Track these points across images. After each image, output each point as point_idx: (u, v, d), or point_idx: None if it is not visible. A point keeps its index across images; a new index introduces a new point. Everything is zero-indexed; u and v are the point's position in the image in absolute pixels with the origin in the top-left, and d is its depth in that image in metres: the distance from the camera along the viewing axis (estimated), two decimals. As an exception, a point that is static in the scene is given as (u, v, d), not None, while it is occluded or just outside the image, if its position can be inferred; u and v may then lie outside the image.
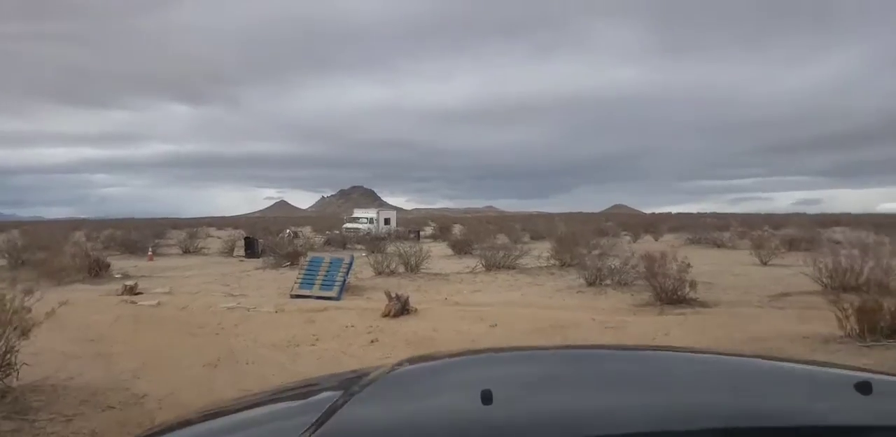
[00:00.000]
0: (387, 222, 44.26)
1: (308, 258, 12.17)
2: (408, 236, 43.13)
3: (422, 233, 46.18)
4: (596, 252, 18.48)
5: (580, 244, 19.85)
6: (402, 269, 15.59)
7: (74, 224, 65.14)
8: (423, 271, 15.69)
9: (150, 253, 24.73)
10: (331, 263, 11.85)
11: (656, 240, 36.72)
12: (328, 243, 32.78)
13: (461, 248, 23.78)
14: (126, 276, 16.20)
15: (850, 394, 1.08)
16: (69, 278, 14.82)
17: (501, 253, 16.40)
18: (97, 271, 15.52)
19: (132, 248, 26.81)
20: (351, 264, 12.11)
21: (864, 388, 1.06)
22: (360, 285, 13.38)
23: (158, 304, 11.09)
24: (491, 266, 15.98)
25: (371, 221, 42.86)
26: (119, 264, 22.12)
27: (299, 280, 11.86)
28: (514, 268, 16.11)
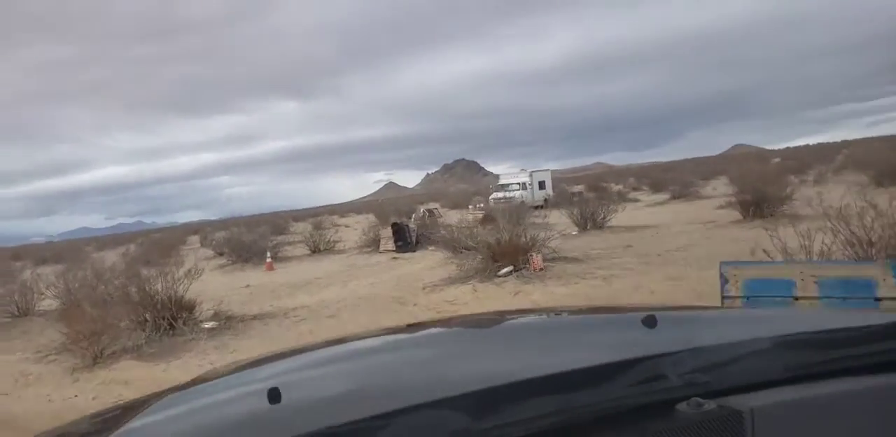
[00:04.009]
0: (541, 185, 35.45)
1: (741, 281, 3.80)
2: (572, 200, 34.41)
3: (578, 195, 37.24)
4: None
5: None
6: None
7: (195, 228, 62.03)
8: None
9: (268, 260, 17.69)
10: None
11: None
12: (486, 220, 24.60)
13: (756, 210, 14.30)
14: (225, 320, 8.72)
15: (639, 329, 1.07)
16: (115, 346, 7.44)
17: None
18: (171, 320, 8.07)
19: (247, 253, 19.98)
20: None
21: (650, 322, 1.06)
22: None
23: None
24: None
25: (524, 186, 34.22)
26: (226, 282, 15.06)
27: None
28: None
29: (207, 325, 8.36)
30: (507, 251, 9.73)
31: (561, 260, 10.71)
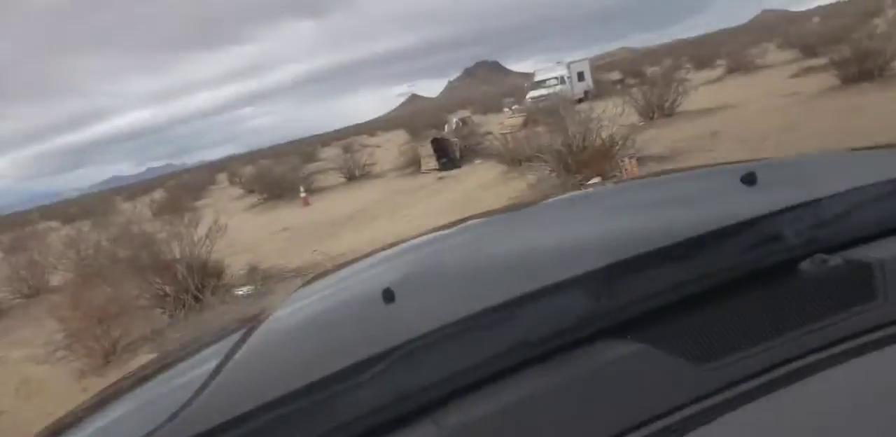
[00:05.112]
0: (580, 77, 32.48)
1: None
2: (615, 89, 31.56)
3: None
4: None
5: None
6: None
7: (223, 165, 60.90)
8: None
9: (303, 195, 16.13)
10: None
11: None
12: (527, 123, 22.22)
13: (859, 71, 11.72)
14: (262, 281, 7.20)
15: (739, 188, 0.97)
16: (131, 334, 6.02)
17: None
18: (197, 292, 6.60)
19: (278, 188, 18.47)
20: None
21: (750, 179, 0.95)
22: None
23: None
24: None
25: (562, 80, 31.33)
26: (259, 224, 13.66)
27: None
28: None
29: (241, 291, 6.83)
30: (586, 159, 7.79)
31: (648, 160, 8.75)
